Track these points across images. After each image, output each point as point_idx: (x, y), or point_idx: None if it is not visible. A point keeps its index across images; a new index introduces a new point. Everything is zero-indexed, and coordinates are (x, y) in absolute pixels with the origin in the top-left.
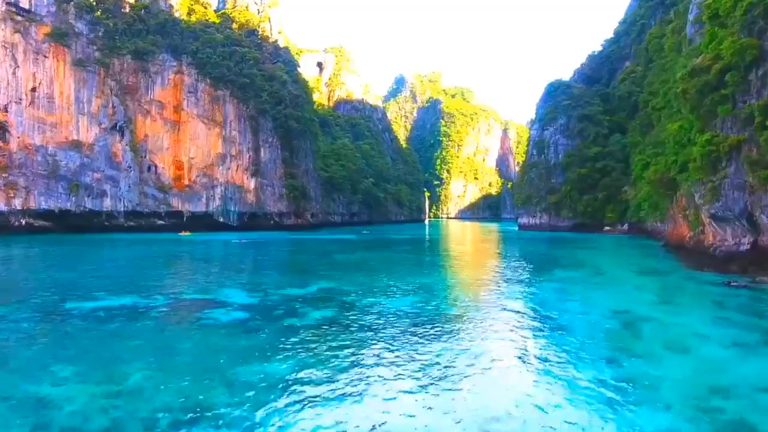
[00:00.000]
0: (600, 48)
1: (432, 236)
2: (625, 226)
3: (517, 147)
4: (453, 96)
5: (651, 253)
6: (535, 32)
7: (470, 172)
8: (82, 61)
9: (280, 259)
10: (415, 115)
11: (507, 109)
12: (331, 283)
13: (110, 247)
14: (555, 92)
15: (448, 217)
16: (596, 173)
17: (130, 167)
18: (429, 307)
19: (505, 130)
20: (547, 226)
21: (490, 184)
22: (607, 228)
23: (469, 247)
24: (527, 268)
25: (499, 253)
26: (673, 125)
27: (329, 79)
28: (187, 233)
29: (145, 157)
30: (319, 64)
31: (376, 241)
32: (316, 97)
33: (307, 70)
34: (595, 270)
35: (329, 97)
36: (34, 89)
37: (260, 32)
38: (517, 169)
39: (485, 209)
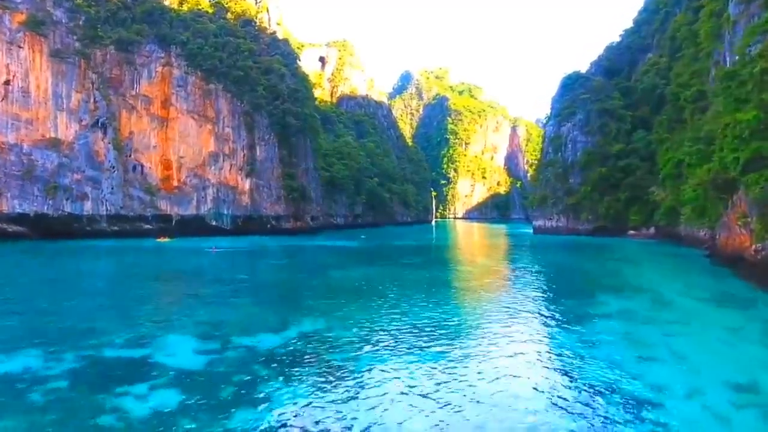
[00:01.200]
0: (618, 38)
1: (440, 242)
2: (652, 230)
3: (527, 145)
4: (460, 92)
5: (703, 268)
6: (546, 25)
7: (478, 171)
8: (60, 51)
9: (260, 278)
10: (421, 112)
11: (516, 106)
12: (319, 321)
13: (72, 259)
14: (572, 85)
15: (455, 218)
16: (618, 172)
17: (114, 167)
18: (451, 376)
19: (514, 127)
20: (565, 229)
21: (498, 183)
22: (631, 232)
23: (484, 257)
24: (567, 294)
25: (523, 269)
26: (744, 114)
27: (332, 74)
28: (166, 239)
29: (129, 156)
30: (322, 59)
31: (378, 250)
32: (318, 93)
33: (308, 65)
34: (654, 296)
35: (332, 93)
36: (7, 82)
37: (257, 23)
38: (526, 167)
39: (493, 209)
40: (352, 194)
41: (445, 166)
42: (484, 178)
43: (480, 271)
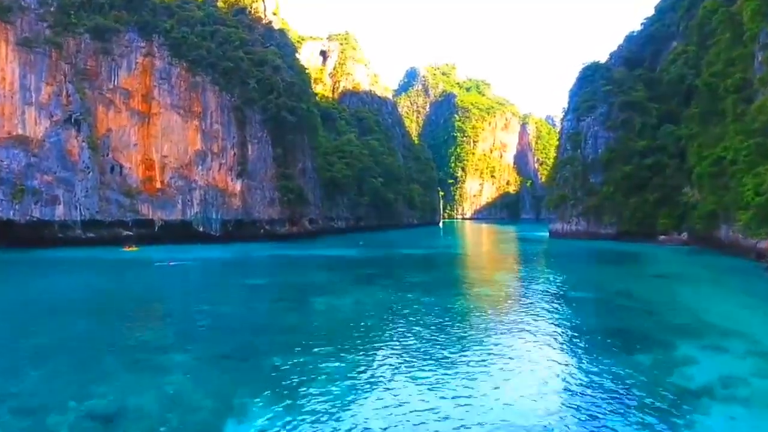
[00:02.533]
0: (640, 27)
1: (450, 249)
2: (684, 235)
3: (537, 143)
4: (468, 89)
5: None
6: (556, 19)
7: (486, 170)
8: (29, 40)
9: (221, 312)
10: (427, 109)
11: (525, 103)
12: (274, 412)
13: (6, 278)
14: (592, 77)
15: (463, 218)
16: (645, 171)
17: (89, 168)
18: None
19: (523, 125)
20: (585, 233)
21: (507, 183)
22: (662, 237)
23: (502, 271)
24: (631, 343)
25: (555, 292)
26: None
27: (333, 68)
28: (133, 248)
29: (107, 155)
30: (323, 53)
31: (379, 261)
32: (319, 88)
33: (309, 59)
34: (753, 346)
35: (334, 89)
36: None
37: (252, 12)
38: (536, 166)
39: (502, 209)
40: (354, 196)
41: (452, 164)
42: (492, 177)
43: (501, 297)
